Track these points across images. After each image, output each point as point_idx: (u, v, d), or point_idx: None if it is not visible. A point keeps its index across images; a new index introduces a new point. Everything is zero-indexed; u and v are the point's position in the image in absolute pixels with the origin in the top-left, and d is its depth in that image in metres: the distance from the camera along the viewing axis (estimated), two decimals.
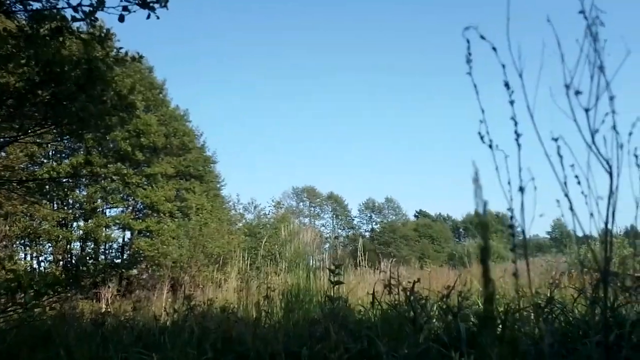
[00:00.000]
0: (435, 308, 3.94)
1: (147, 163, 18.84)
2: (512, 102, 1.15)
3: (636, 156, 1.27)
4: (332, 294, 3.33)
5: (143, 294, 14.94)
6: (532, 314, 3.13)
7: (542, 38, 1.14)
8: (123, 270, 17.25)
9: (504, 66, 1.15)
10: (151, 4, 3.10)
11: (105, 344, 3.60)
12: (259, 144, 77.55)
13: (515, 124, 1.13)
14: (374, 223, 57.87)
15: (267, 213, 24.95)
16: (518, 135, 1.13)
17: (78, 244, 19.42)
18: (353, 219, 58.75)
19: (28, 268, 16.08)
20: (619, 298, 3.15)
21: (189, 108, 24.95)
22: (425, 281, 8.85)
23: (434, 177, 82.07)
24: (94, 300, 12.63)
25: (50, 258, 18.44)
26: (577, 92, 1.09)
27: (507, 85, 1.14)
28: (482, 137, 1.12)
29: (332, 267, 3.24)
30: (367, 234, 57.02)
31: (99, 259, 18.23)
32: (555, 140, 1.11)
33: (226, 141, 69.45)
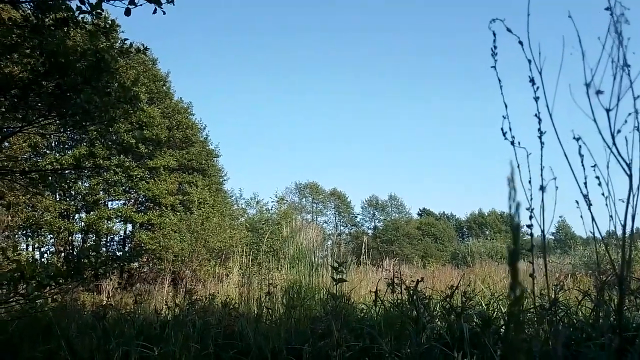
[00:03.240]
0: (438, 308, 3.92)
1: (150, 156, 18.83)
2: (537, 99, 1.12)
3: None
4: (334, 291, 3.31)
5: (144, 287, 14.97)
6: (536, 317, 3.10)
7: (562, 34, 1.10)
8: (124, 263, 17.25)
9: (530, 61, 1.11)
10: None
11: (107, 337, 3.60)
12: (263, 138, 77.42)
13: (540, 121, 1.09)
14: (377, 220, 57.79)
15: (269, 208, 24.93)
16: (541, 133, 1.10)
17: (79, 235, 19.48)
18: (356, 216, 58.70)
19: (30, 259, 16.12)
20: (624, 301, 3.13)
21: (193, 101, 24.93)
22: (428, 280, 8.86)
23: (439, 175, 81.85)
24: (95, 293, 12.67)
25: (52, 249, 18.50)
26: (599, 92, 1.05)
27: (532, 81, 1.11)
28: (504, 133, 1.09)
29: (335, 265, 3.22)
30: (370, 231, 56.93)
31: (100, 251, 18.26)
32: (577, 139, 1.08)
33: (229, 135, 69.36)
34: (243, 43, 73.13)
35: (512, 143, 1.09)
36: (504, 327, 3.04)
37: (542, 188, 1.03)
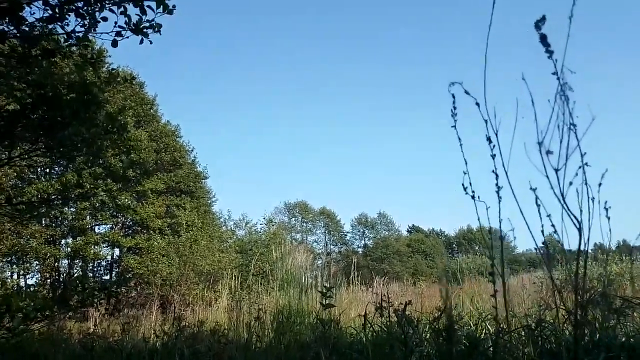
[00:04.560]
0: (427, 329, 3.93)
1: (137, 181, 18.74)
2: (493, 156, 1.19)
3: (606, 209, 1.32)
4: (323, 316, 3.32)
5: (132, 312, 14.73)
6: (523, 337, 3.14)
7: (516, 95, 1.19)
8: (113, 290, 17.03)
9: (486, 121, 1.19)
10: (144, 30, 3.14)
11: None
12: (251, 158, 77.43)
13: (497, 177, 1.17)
14: (367, 238, 57.74)
15: (258, 230, 24.82)
16: (499, 188, 1.17)
17: (66, 261, 19.19)
18: (346, 235, 58.60)
19: (15, 287, 15.82)
20: (607, 319, 3.18)
21: (180, 123, 24.96)
22: (418, 298, 8.85)
23: (428, 192, 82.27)
24: (82, 320, 12.44)
25: (38, 276, 18.19)
26: (549, 152, 1.14)
27: (489, 139, 1.18)
28: (465, 189, 1.15)
29: (324, 290, 3.24)
30: (359, 249, 56.83)
31: (88, 278, 18.02)
32: (534, 190, 1.15)
33: (218, 156, 69.26)
34: (231, 62, 73.69)
35: (473, 197, 1.16)
36: (491, 348, 3.06)
37: (502, 238, 1.10)
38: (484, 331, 3.93)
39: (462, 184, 1.15)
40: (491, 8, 1.38)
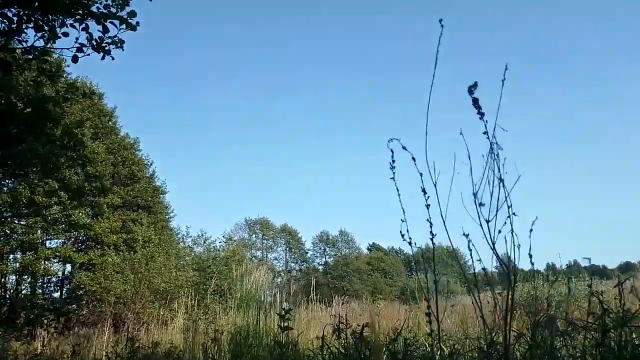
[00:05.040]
0: (384, 350, 3.98)
1: (94, 194, 18.19)
2: (428, 206, 1.28)
3: (530, 255, 1.45)
4: (281, 339, 3.31)
5: (83, 331, 14.16)
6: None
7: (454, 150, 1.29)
8: (63, 309, 16.37)
9: (421, 174, 1.27)
10: (106, 47, 3.11)
11: None
12: (211, 174, 76.51)
13: (431, 225, 1.26)
14: (328, 256, 57.77)
15: (217, 247, 24.42)
16: (433, 235, 1.25)
17: (14, 277, 18.30)
18: (307, 252, 58.43)
19: None
20: (555, 341, 3.30)
21: (140, 136, 24.48)
22: (376, 318, 8.89)
23: (387, 210, 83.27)
24: (29, 339, 11.86)
25: None
26: (481, 204, 1.26)
27: (424, 191, 1.27)
28: (402, 235, 1.24)
29: (282, 312, 3.24)
30: (320, 267, 56.77)
31: (37, 296, 17.23)
32: (466, 235, 1.25)
33: (177, 171, 68.16)
34: (190, 75, 73.22)
35: (410, 244, 1.27)
36: None
37: (435, 282, 1.18)
38: (439, 352, 4.00)
39: (400, 231, 1.25)
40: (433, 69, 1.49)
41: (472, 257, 1.34)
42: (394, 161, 1.31)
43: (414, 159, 1.26)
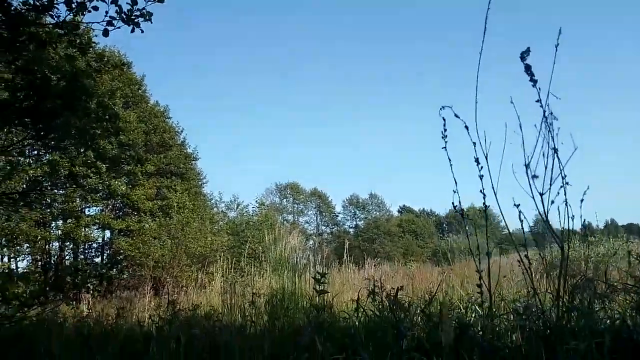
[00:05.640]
0: (419, 312, 4.01)
1: (128, 162, 18.62)
2: (481, 177, 1.24)
3: (584, 226, 1.39)
4: (317, 301, 3.38)
5: (124, 295, 14.78)
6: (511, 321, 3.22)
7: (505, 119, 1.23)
8: (104, 271, 17.06)
9: (475, 144, 1.22)
10: (136, 20, 3.10)
11: (91, 354, 3.60)
12: (241, 139, 77.13)
13: (484, 196, 1.22)
14: (358, 219, 58.09)
15: (250, 212, 24.83)
16: (486, 206, 1.22)
17: (57, 244, 19.12)
18: (337, 215, 58.87)
19: (6, 270, 15.77)
20: (594, 304, 3.26)
21: (169, 104, 24.73)
22: (409, 280, 8.94)
23: (418, 172, 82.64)
24: (75, 303, 12.47)
25: (29, 259, 18.14)
26: (534, 176, 1.19)
27: (477, 161, 1.22)
28: (455, 207, 1.21)
29: (317, 276, 3.29)
30: (351, 230, 57.20)
31: (79, 262, 17.99)
32: (517, 206, 1.21)
33: (208, 137, 68.90)
34: (222, 34, 72.83)
35: (462, 215, 1.23)
36: (480, 332, 3.14)
37: (488, 253, 1.14)
38: (473, 314, 4.02)
39: (452, 203, 1.21)
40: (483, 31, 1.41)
41: (522, 224, 1.30)
42: (445, 130, 1.26)
43: (467, 127, 1.22)
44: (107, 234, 20.59)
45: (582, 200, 1.31)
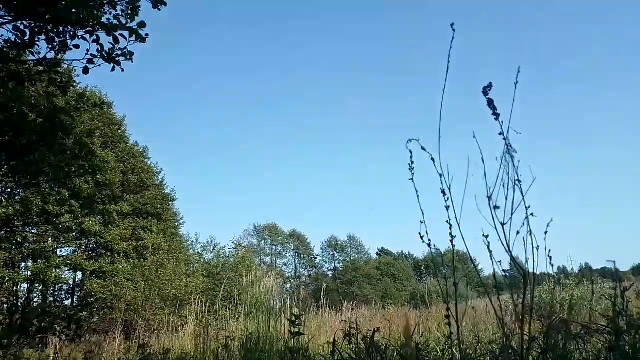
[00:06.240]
0: (395, 354, 3.96)
1: (104, 202, 18.34)
2: (447, 207, 1.28)
3: (550, 257, 1.44)
4: (292, 344, 3.32)
5: (94, 339, 14.22)
6: None
7: (468, 152, 1.30)
8: (75, 317, 16.41)
9: (441, 175, 1.27)
10: (117, 59, 3.15)
11: None
12: (220, 180, 76.78)
13: (450, 227, 1.26)
14: (337, 261, 57.60)
15: (226, 254, 24.46)
16: (452, 237, 1.25)
17: (25, 285, 18.45)
18: (316, 258, 58.27)
19: None
20: (568, 345, 3.27)
21: (148, 144, 24.68)
22: (386, 323, 8.85)
23: (396, 215, 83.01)
24: (41, 346, 11.92)
25: None
26: (496, 207, 1.25)
27: (443, 192, 1.27)
28: (422, 237, 1.24)
29: (293, 318, 3.24)
30: (330, 272, 56.61)
31: (49, 304, 17.34)
32: (486, 237, 1.24)
33: (186, 177, 68.50)
34: (205, 75, 73.75)
35: (429, 245, 1.25)
36: None
37: (455, 285, 1.17)
38: (450, 357, 3.99)
39: (419, 233, 1.23)
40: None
41: (492, 259, 1.34)
42: (412, 162, 1.31)
43: (433, 159, 1.26)
44: (79, 275, 19.99)
45: (546, 232, 1.36)
